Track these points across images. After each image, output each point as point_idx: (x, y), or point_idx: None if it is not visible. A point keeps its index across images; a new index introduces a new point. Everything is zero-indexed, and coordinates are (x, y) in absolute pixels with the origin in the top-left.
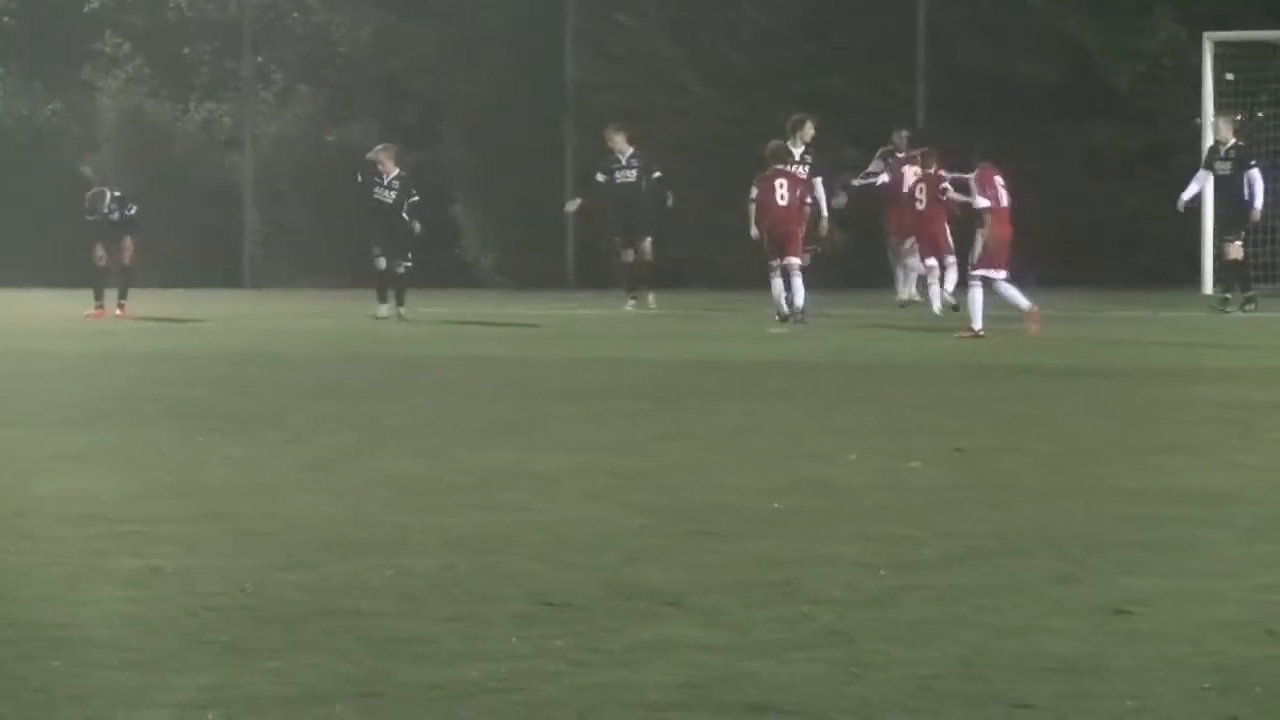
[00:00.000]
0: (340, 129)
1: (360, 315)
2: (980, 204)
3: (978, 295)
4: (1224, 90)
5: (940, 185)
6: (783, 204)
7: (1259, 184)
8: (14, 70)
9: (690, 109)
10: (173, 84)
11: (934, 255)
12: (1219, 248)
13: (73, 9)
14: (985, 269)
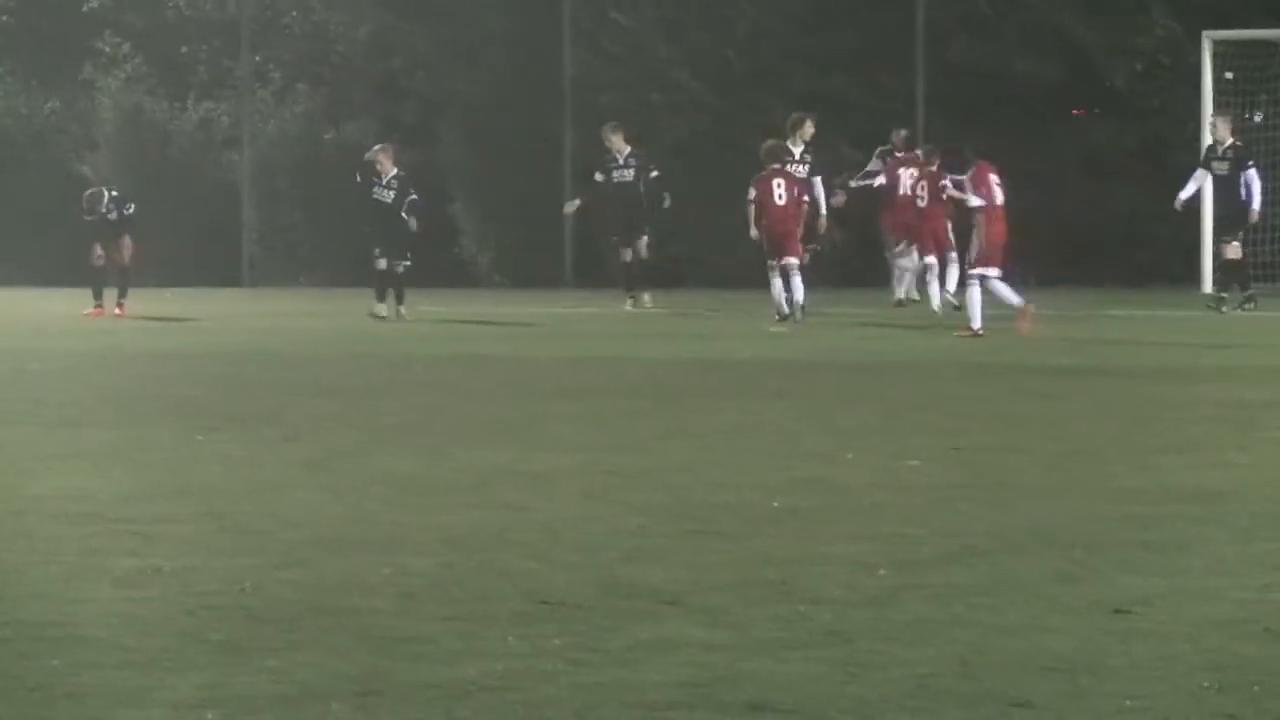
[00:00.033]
0: (338, 128)
1: (358, 314)
2: (974, 203)
3: (976, 294)
4: (1223, 89)
5: (940, 183)
6: (780, 203)
7: (1256, 184)
8: (13, 69)
9: (688, 108)
10: (171, 83)
11: (934, 253)
12: (1216, 248)
13: (72, 8)
14: (982, 268)
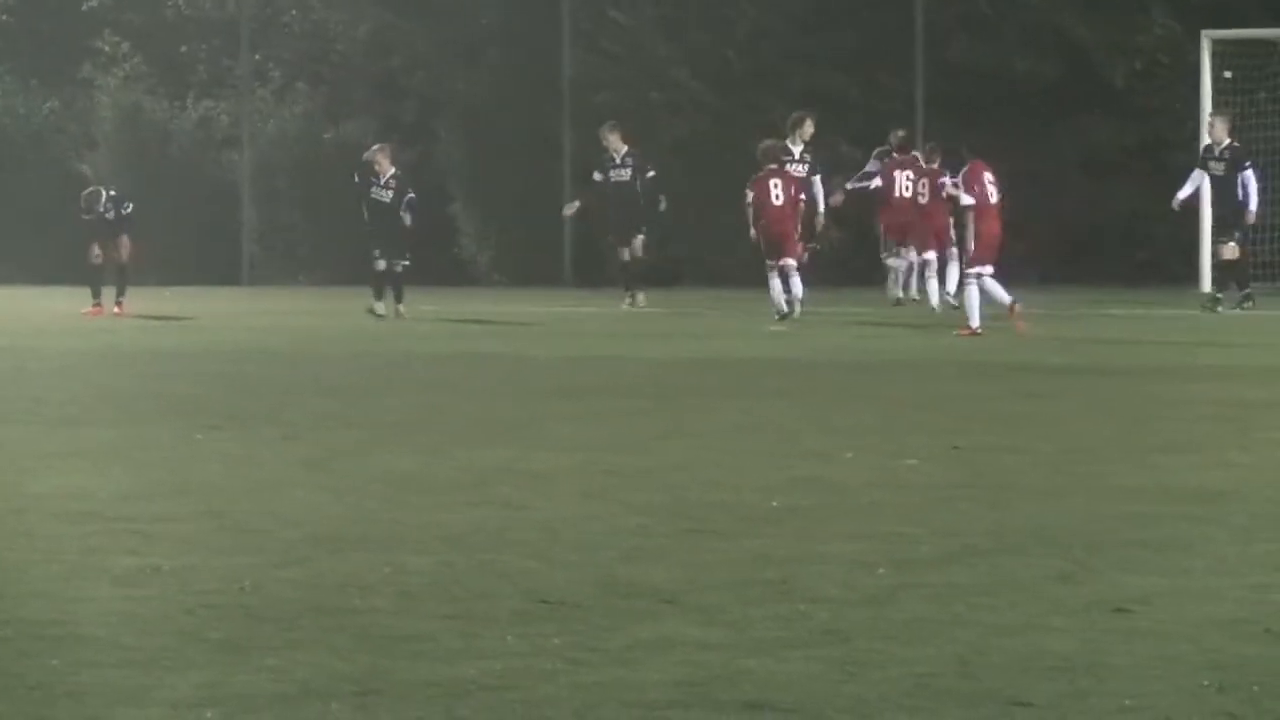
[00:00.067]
0: (338, 127)
1: (358, 313)
2: (965, 201)
3: (974, 293)
4: (1222, 88)
5: (940, 180)
6: (778, 204)
7: (1253, 185)
8: (12, 68)
9: (687, 107)
10: (170, 82)
11: (935, 249)
12: (1213, 248)
13: (71, 7)
14: (976, 266)
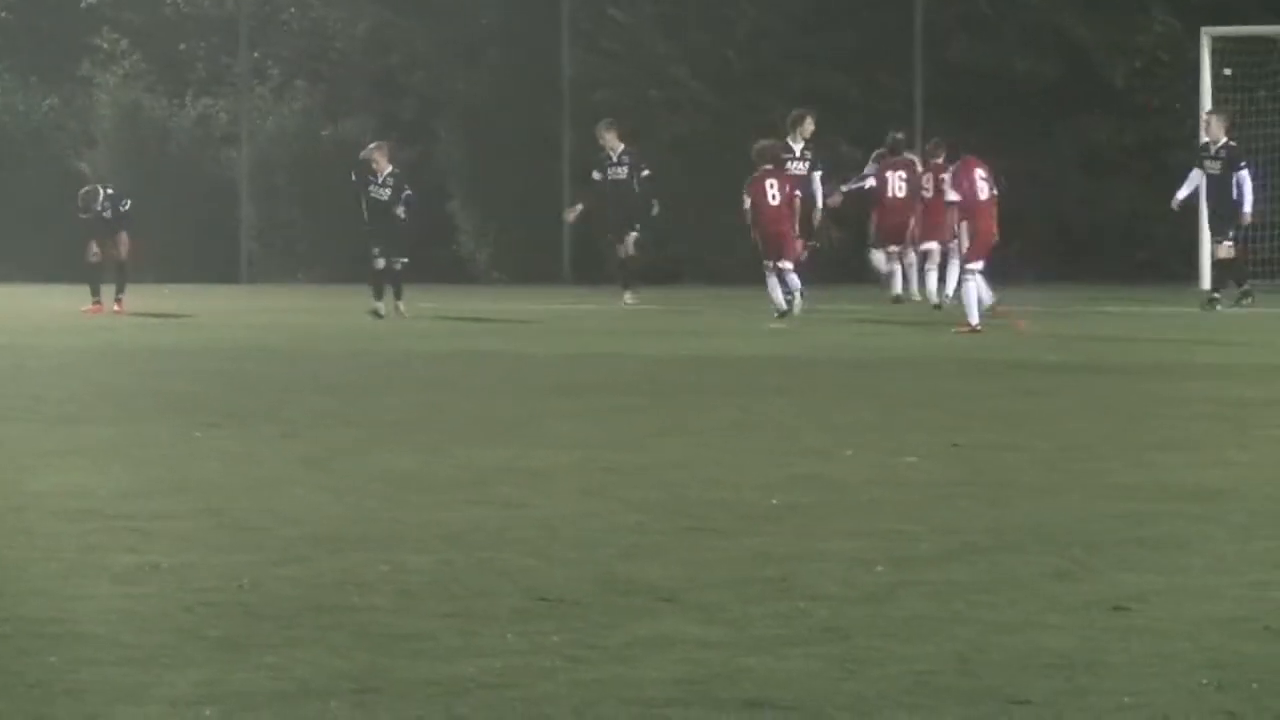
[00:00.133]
0: (337, 125)
1: (357, 311)
2: (951, 198)
3: (973, 290)
4: (1222, 86)
5: (942, 175)
6: (774, 204)
7: (1247, 185)
8: (11, 66)
9: (687, 106)
10: (169, 80)
11: (938, 241)
12: (1211, 247)
13: (70, 5)
14: (971, 262)
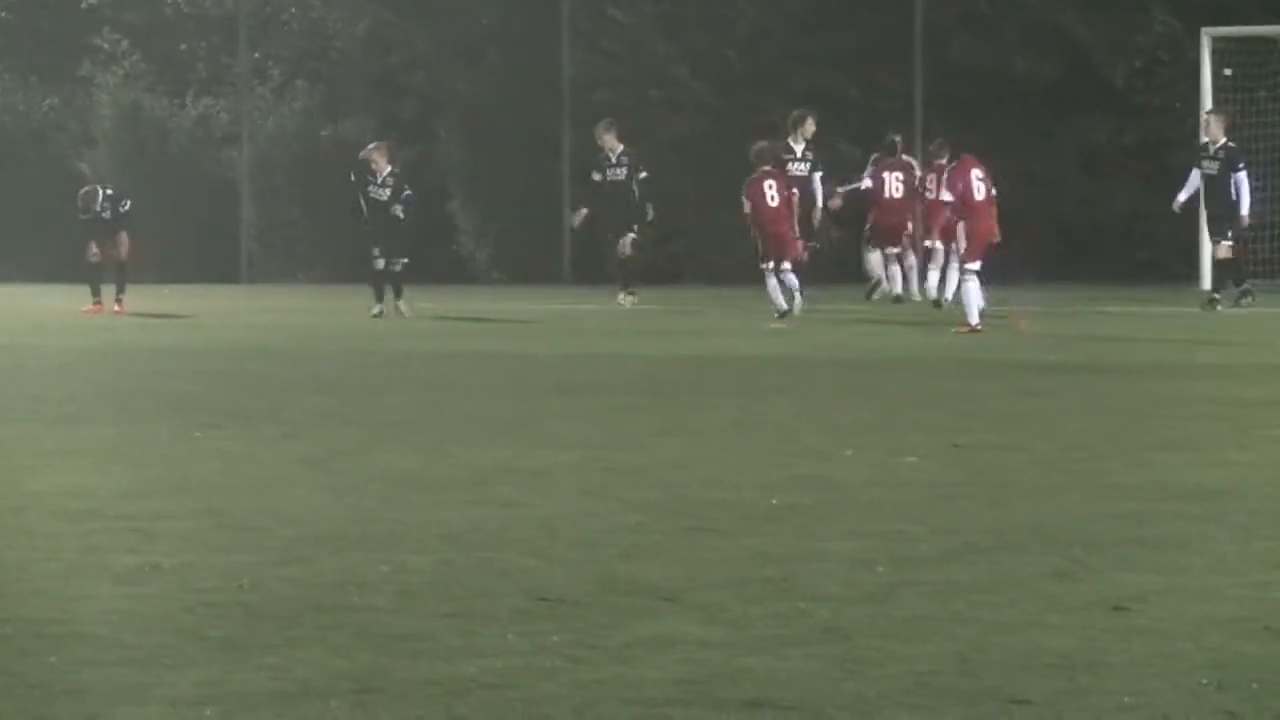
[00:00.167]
0: (337, 125)
1: (357, 311)
2: (944, 197)
3: (973, 290)
4: (1222, 86)
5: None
6: (773, 205)
7: (1245, 186)
8: (11, 66)
9: (687, 105)
10: (170, 80)
11: (940, 240)
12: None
13: (70, 5)
14: (969, 262)
